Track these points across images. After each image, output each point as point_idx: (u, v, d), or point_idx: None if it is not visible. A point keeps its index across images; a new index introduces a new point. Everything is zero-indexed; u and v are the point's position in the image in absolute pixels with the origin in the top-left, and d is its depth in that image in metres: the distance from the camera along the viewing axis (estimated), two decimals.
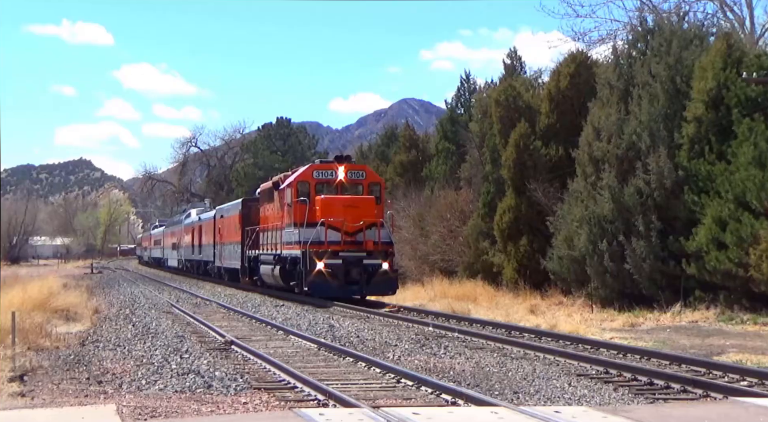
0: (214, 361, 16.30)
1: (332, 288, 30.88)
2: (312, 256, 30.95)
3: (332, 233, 31.24)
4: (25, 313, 21.45)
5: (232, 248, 46.20)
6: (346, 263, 31.10)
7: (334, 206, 31.74)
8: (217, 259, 51.00)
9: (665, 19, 34.23)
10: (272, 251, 36.06)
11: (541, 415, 9.88)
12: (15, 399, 12.32)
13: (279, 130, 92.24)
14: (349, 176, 33.40)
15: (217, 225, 51.58)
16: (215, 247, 51.82)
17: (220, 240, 50.21)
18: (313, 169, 33.85)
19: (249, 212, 42.44)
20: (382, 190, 34.66)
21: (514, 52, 52.82)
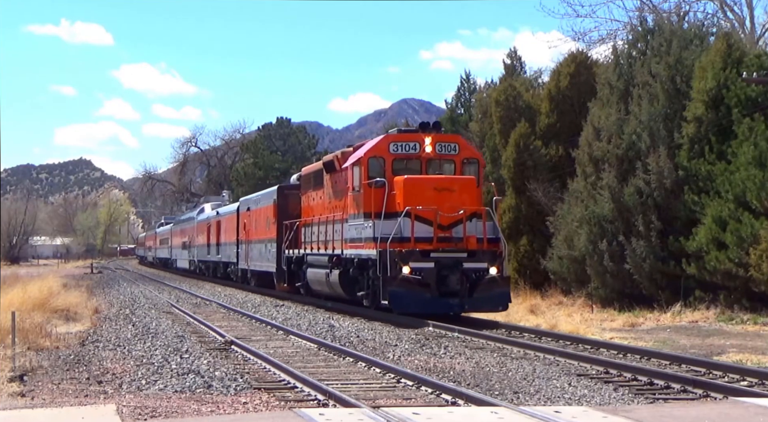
0: (214, 361, 16.30)
1: (422, 301, 23.30)
2: (394, 258, 23.30)
3: (421, 227, 23.77)
4: (25, 313, 21.45)
5: (263, 247, 38.60)
6: (441, 267, 23.50)
7: (423, 190, 24.09)
8: (242, 260, 43.48)
9: (665, 19, 34.25)
10: (326, 251, 28.34)
11: (541, 415, 9.88)
12: (15, 399, 12.32)
13: (279, 130, 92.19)
14: (437, 150, 25.46)
15: (241, 219, 44.12)
16: (239, 246, 44.39)
17: (245, 237, 42.65)
18: (390, 140, 25.56)
19: (286, 202, 35.16)
20: (481, 169, 26.11)
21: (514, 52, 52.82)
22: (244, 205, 44.42)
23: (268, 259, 37.43)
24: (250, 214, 41.84)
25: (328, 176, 28.99)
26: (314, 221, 30.15)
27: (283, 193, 36.03)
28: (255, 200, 41.98)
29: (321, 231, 29.01)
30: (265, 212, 38.20)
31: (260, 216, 39.47)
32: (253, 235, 40.62)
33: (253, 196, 44.46)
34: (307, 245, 30.91)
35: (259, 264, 39.41)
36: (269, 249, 36.95)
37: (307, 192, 32.12)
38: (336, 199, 28.08)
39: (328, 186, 29.11)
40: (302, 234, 31.88)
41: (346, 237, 26.22)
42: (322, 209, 29.51)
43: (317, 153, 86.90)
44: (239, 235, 44.22)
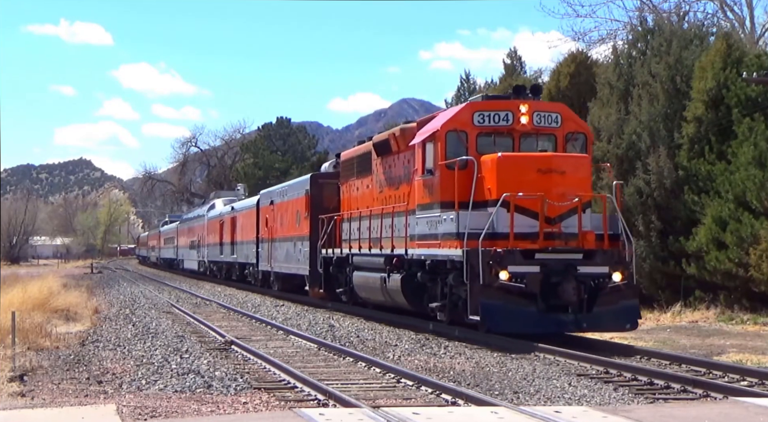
0: (214, 361, 16.30)
1: (525, 317, 18.00)
2: (487, 260, 17.90)
3: (522, 220, 18.33)
4: (25, 313, 21.45)
5: (291, 246, 33.37)
6: (549, 272, 18.13)
7: (524, 171, 18.70)
8: (264, 261, 38.34)
9: (665, 19, 34.27)
10: (380, 250, 23.43)
11: (541, 415, 9.89)
12: (15, 399, 12.32)
13: (279, 130, 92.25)
14: (535, 121, 20.02)
15: (262, 215, 38.99)
16: (260, 245, 39.21)
17: (268, 235, 37.23)
18: (474, 109, 20.04)
19: (321, 194, 30.28)
20: (589, 145, 20.88)
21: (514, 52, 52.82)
22: (265, 198, 39.02)
23: (298, 260, 32.29)
24: (274, 209, 36.67)
25: (379, 160, 24.19)
26: (360, 214, 25.30)
27: (317, 183, 30.92)
28: (280, 192, 36.38)
29: (373, 226, 24.11)
30: (295, 205, 33.22)
31: (288, 210, 34.35)
32: (279, 232, 35.53)
33: (278, 187, 38.48)
34: (350, 243, 26.10)
35: (286, 265, 34.15)
36: (300, 249, 32.01)
37: (349, 180, 27.25)
38: (391, 187, 23.39)
39: (378, 172, 24.38)
40: (342, 231, 27.15)
41: (413, 233, 21.14)
42: (370, 200, 24.90)
43: (317, 153, 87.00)
44: (260, 233, 39.14)
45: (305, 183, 32.25)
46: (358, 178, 26.28)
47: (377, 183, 24.58)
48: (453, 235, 18.82)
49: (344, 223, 27.07)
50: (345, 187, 27.77)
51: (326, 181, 30.48)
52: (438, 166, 19.80)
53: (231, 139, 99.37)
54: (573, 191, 18.69)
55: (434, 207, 19.99)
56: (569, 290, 18.11)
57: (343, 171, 28.20)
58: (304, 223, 31.45)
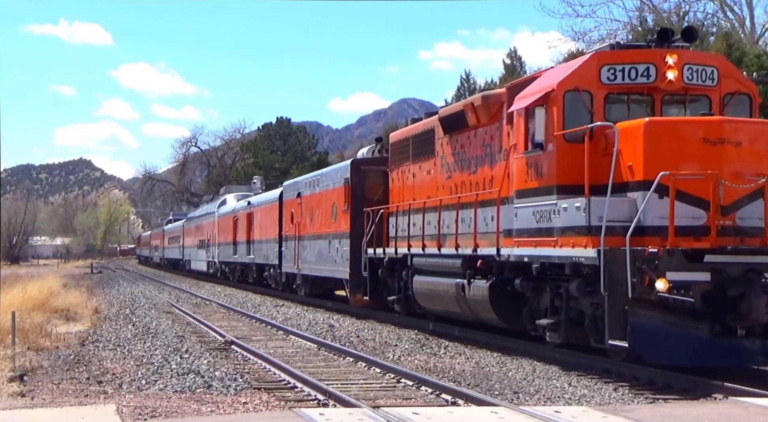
0: (214, 361, 16.30)
1: (692, 342, 13.48)
2: (637, 263, 13.35)
3: (683, 208, 13.61)
4: (25, 313, 21.46)
5: (324, 245, 28.96)
6: (724, 281, 13.49)
7: (683, 142, 14.00)
8: (288, 262, 33.54)
9: (665, 19, 34.27)
10: (455, 250, 18.88)
11: (541, 415, 9.89)
12: (15, 399, 12.32)
13: (279, 130, 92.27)
14: (686, 78, 15.24)
15: (287, 209, 34.51)
16: (283, 244, 34.65)
17: (295, 232, 32.58)
18: (602, 62, 15.29)
19: (363, 183, 26.24)
20: (755, 110, 15.84)
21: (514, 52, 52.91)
22: (290, 190, 34.40)
23: (333, 261, 27.83)
24: (302, 202, 32.14)
25: (446, 139, 19.97)
26: (425, 205, 20.77)
27: (358, 170, 26.50)
28: (310, 182, 31.78)
29: (444, 220, 19.67)
30: (330, 197, 28.65)
31: (320, 203, 29.81)
32: (308, 229, 30.96)
33: (307, 176, 34.16)
34: (408, 241, 21.69)
35: (319, 267, 29.64)
36: (336, 248, 27.45)
37: (401, 165, 23.01)
38: (465, 170, 19.07)
39: (444, 153, 20.11)
40: (392, 226, 23.09)
41: (509, 227, 16.57)
42: (433, 188, 20.73)
43: (317, 153, 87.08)
44: (283, 230, 34.68)
45: (344, 170, 27.56)
46: (415, 162, 22.03)
47: (443, 167, 20.28)
48: (581, 230, 14.22)
49: (395, 217, 23.03)
50: (396, 173, 23.50)
51: (369, 167, 26.39)
52: (552, 137, 15.15)
53: (231, 139, 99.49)
54: (753, 169, 13.83)
55: (546, 192, 15.33)
56: (759, 306, 13.23)
57: (392, 155, 23.84)
58: (343, 218, 27.03)
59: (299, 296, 31.91)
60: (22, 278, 39.52)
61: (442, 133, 20.31)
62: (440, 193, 20.25)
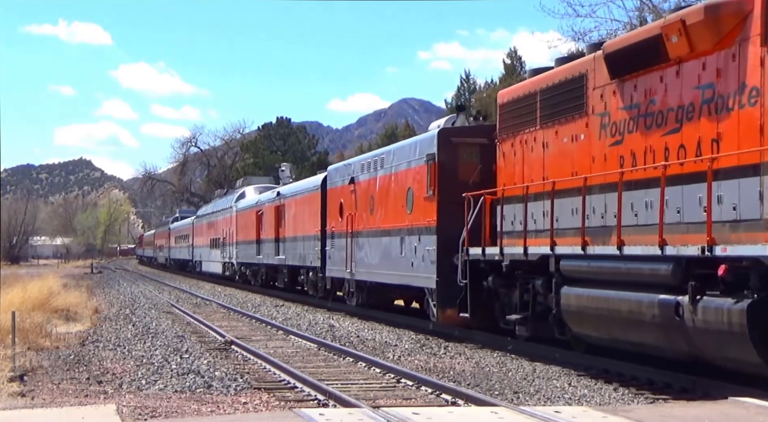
0: (214, 361, 16.30)
1: None
2: None
3: None
4: (25, 313, 21.45)
5: (395, 243, 22.60)
6: None
7: None
8: (337, 264, 27.59)
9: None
10: (660, 250, 12.56)
11: (541, 415, 9.88)
12: (15, 399, 12.31)
13: (279, 130, 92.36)
14: None
15: (333, 199, 28.35)
16: (329, 242, 28.57)
17: (346, 227, 26.42)
18: None
19: (454, 160, 20.06)
20: None
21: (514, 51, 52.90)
22: (338, 175, 28.02)
23: (410, 265, 21.48)
24: (357, 189, 25.85)
25: (613, 86, 14.48)
26: (574, 185, 15.03)
27: (448, 144, 20.18)
28: (370, 163, 25.16)
29: (635, 203, 13.61)
30: (403, 181, 22.42)
31: (388, 188, 23.47)
32: (367, 222, 24.91)
33: (364, 156, 27.63)
34: (542, 237, 16.02)
35: (384, 272, 23.50)
36: (414, 247, 21.30)
37: (521, 133, 17.33)
38: (655, 129, 13.45)
39: (610, 107, 14.57)
40: (508, 218, 17.65)
41: None
42: (584, 161, 15.11)
43: (317, 153, 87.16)
44: (327, 225, 28.79)
45: (426, 144, 20.96)
46: (547, 125, 16.31)
47: (604, 129, 14.73)
48: None
49: (512, 205, 17.39)
50: (509, 146, 17.80)
51: (464, 140, 20.21)
52: None
53: (231, 138, 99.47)
54: None
55: None
56: None
57: (504, 121, 18.07)
58: (425, 208, 20.76)
59: (348, 306, 26.94)
60: (22, 278, 39.51)
61: (605, 78, 14.63)
62: (597, 167, 14.71)
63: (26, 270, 61.94)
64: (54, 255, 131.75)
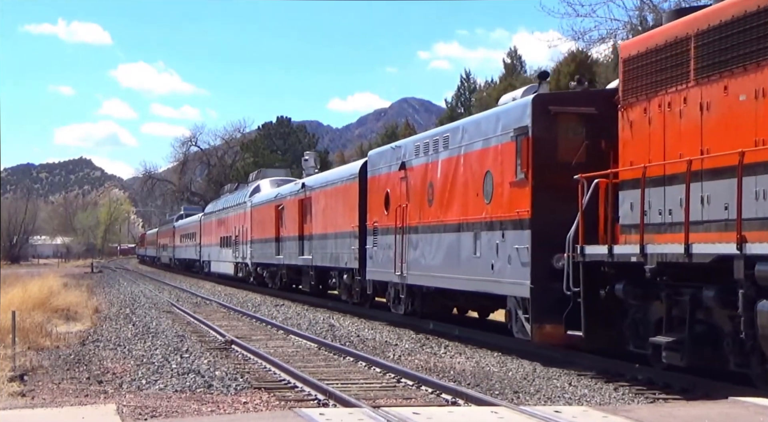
0: (214, 361, 16.30)
1: None
2: None
3: None
4: (25, 313, 21.44)
5: (464, 241, 18.72)
6: None
7: None
8: (382, 265, 23.63)
9: (665, 19, 34.18)
10: None
11: (542, 415, 9.88)
12: (15, 399, 12.31)
13: (279, 129, 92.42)
14: None
15: (375, 189, 24.53)
16: (370, 239, 24.69)
17: (394, 221, 22.57)
18: None
19: (552, 135, 16.07)
20: None
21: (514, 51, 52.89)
22: (383, 160, 24.00)
23: (489, 267, 17.38)
24: (410, 176, 21.87)
25: None
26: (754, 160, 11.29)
27: (546, 114, 15.99)
28: (424, 144, 21.39)
29: None
30: (477, 163, 18.25)
31: (448, 174, 19.60)
32: (424, 216, 20.89)
33: (419, 137, 23.42)
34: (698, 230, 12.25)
35: (446, 275, 19.53)
36: (495, 244, 17.12)
37: (656, 95, 13.49)
38: None
39: None
40: (635, 207, 13.69)
41: None
42: None
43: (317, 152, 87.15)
44: (368, 219, 24.89)
45: (516, 115, 16.62)
46: (708, 80, 12.36)
47: None
48: None
49: (650, 190, 13.32)
50: (644, 110, 13.80)
51: (565, 109, 16.14)
52: None
53: (231, 138, 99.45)
54: None
55: None
56: None
57: (633, 79, 14.07)
58: (513, 195, 16.58)
59: (394, 315, 23.23)
60: (22, 277, 39.52)
61: None
62: None
63: (26, 270, 61.96)
64: (54, 255, 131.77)
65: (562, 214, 14.98)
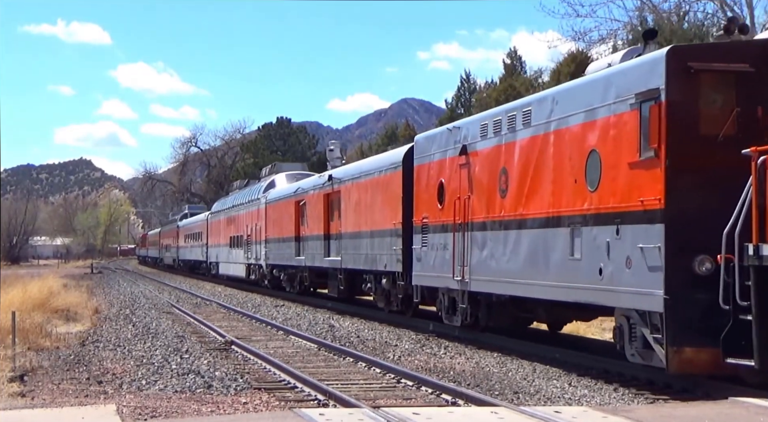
0: (214, 361, 16.30)
1: None
2: None
3: None
4: (25, 313, 21.44)
5: (560, 238, 14.99)
6: None
7: None
8: (433, 269, 20.19)
9: (665, 19, 34.24)
10: None
11: (541, 415, 9.88)
12: (15, 399, 12.32)
13: (279, 130, 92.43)
14: None
15: (424, 179, 20.94)
16: (417, 238, 21.16)
17: (452, 216, 19.11)
18: None
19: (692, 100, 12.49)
20: None
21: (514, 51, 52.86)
22: (436, 144, 20.47)
23: (594, 272, 13.94)
24: (471, 162, 18.43)
25: None
26: None
27: (684, 73, 12.53)
28: (493, 122, 17.63)
29: None
30: (567, 143, 14.97)
31: (529, 157, 16.07)
32: (493, 209, 17.38)
33: (484, 114, 19.20)
34: None
35: (529, 281, 15.96)
36: (605, 243, 13.73)
37: None
38: None
39: None
40: None
41: None
42: None
43: (317, 153, 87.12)
44: (415, 214, 21.44)
45: (640, 76, 13.21)
46: None
47: None
48: None
49: None
50: None
51: (710, 66, 12.67)
52: None
53: (231, 139, 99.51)
54: None
55: None
56: None
57: None
58: (634, 180, 13.12)
59: (446, 327, 20.18)
60: (22, 278, 39.52)
61: None
62: None
63: (26, 271, 61.95)
64: (54, 256, 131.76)
65: (706, 203, 12.13)
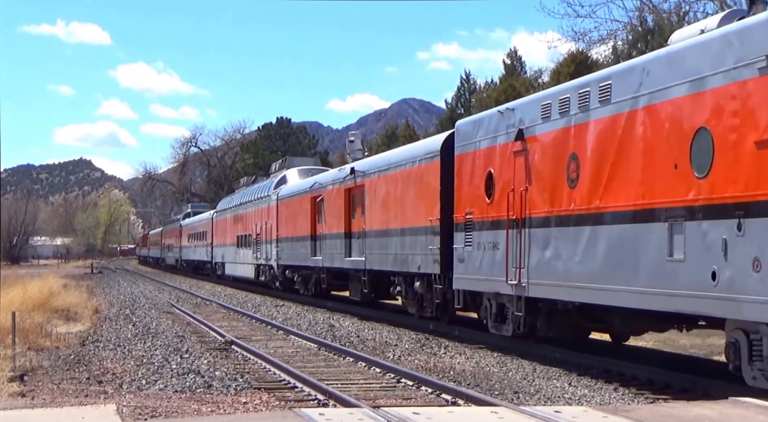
0: (214, 361, 16.30)
1: None
2: None
3: None
4: (25, 313, 21.45)
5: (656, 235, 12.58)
6: None
7: None
8: (479, 272, 18.01)
9: (665, 19, 34.23)
10: None
11: (541, 415, 9.88)
12: (15, 399, 12.32)
13: (279, 130, 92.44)
14: None
15: (466, 170, 18.72)
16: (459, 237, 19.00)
17: (505, 213, 16.77)
18: None
19: None
20: None
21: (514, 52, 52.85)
22: (482, 130, 18.25)
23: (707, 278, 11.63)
24: (528, 148, 16.25)
25: None
26: None
27: None
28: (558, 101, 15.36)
29: None
30: (663, 122, 12.64)
31: (607, 141, 13.88)
32: (557, 202, 15.30)
33: (543, 94, 17.01)
34: None
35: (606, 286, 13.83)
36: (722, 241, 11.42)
37: None
38: None
39: None
40: None
41: None
42: None
43: (317, 153, 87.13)
44: (456, 210, 19.18)
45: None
46: None
47: None
48: None
49: None
50: None
51: None
52: None
53: (231, 139, 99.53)
54: None
55: None
56: None
57: None
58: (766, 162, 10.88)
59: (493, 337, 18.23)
60: (22, 278, 39.52)
61: None
62: None
63: (26, 271, 61.95)
64: (54, 256, 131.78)
65: None
